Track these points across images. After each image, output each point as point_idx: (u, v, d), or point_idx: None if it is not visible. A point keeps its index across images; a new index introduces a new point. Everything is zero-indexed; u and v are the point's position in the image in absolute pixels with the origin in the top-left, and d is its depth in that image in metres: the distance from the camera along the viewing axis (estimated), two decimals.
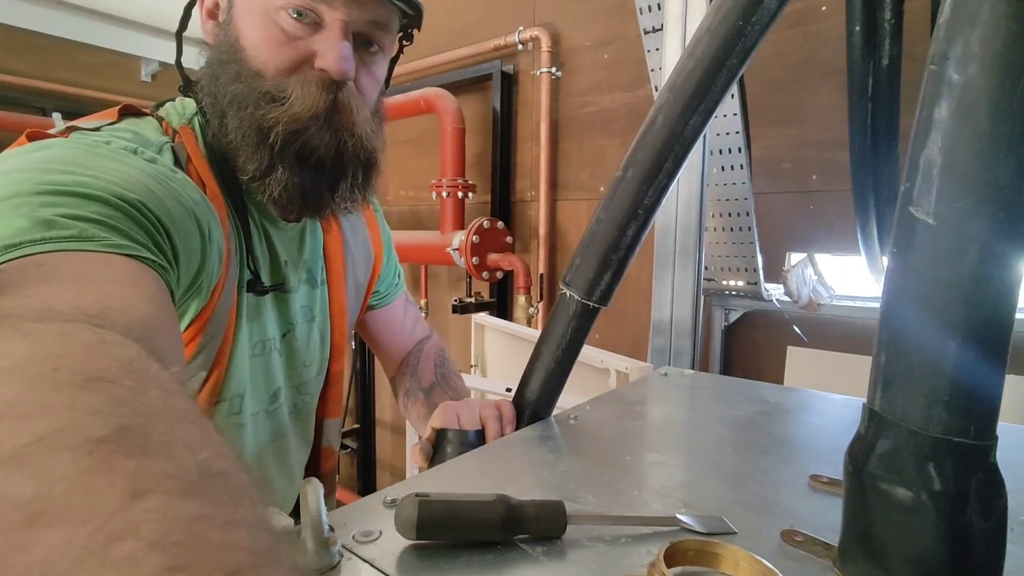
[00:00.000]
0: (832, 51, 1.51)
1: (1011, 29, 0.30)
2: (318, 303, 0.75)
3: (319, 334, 0.76)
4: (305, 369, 0.75)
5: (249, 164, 0.58)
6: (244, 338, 0.64)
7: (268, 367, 0.69)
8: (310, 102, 0.57)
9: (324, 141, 0.59)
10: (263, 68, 0.58)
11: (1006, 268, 0.32)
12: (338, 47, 0.57)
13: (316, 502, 0.37)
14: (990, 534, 0.34)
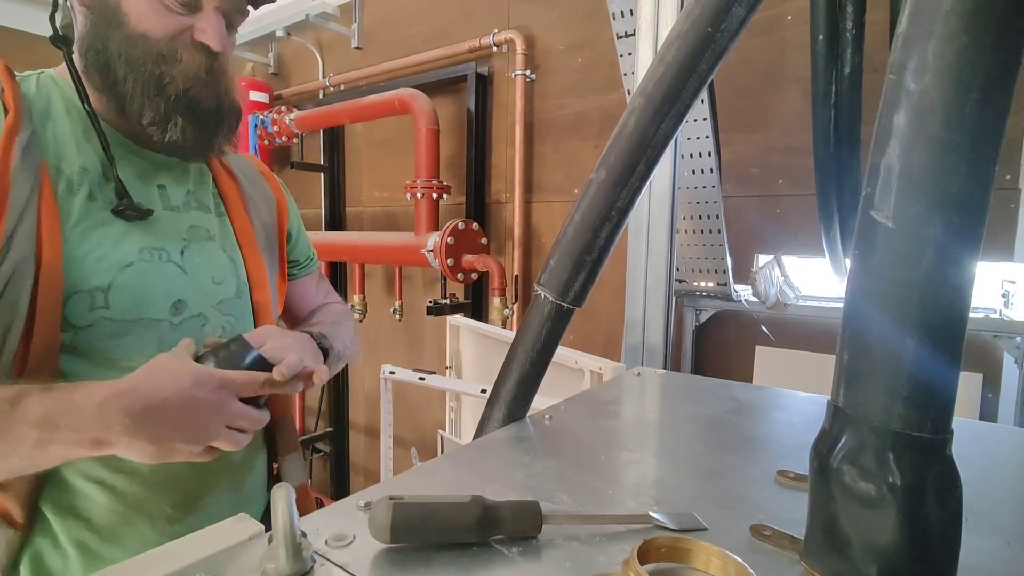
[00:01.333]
0: (798, 59, 1.55)
1: (963, 42, 0.32)
2: (217, 229, 0.80)
3: (227, 256, 0.79)
4: (218, 286, 0.77)
5: (147, 112, 0.69)
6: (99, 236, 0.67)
7: (160, 275, 0.71)
8: (196, 64, 0.70)
9: (207, 96, 0.71)
10: (149, 33, 0.67)
11: (960, 269, 0.34)
12: (217, 25, 0.69)
13: (287, 507, 0.36)
14: (947, 524, 0.36)
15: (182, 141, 0.71)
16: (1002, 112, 0.33)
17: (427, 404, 2.60)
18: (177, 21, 0.68)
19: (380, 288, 2.77)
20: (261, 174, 0.92)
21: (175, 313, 0.72)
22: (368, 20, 2.66)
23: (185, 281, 0.73)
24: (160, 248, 0.72)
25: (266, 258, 0.85)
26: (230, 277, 0.79)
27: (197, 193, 0.79)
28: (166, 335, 0.71)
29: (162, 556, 0.38)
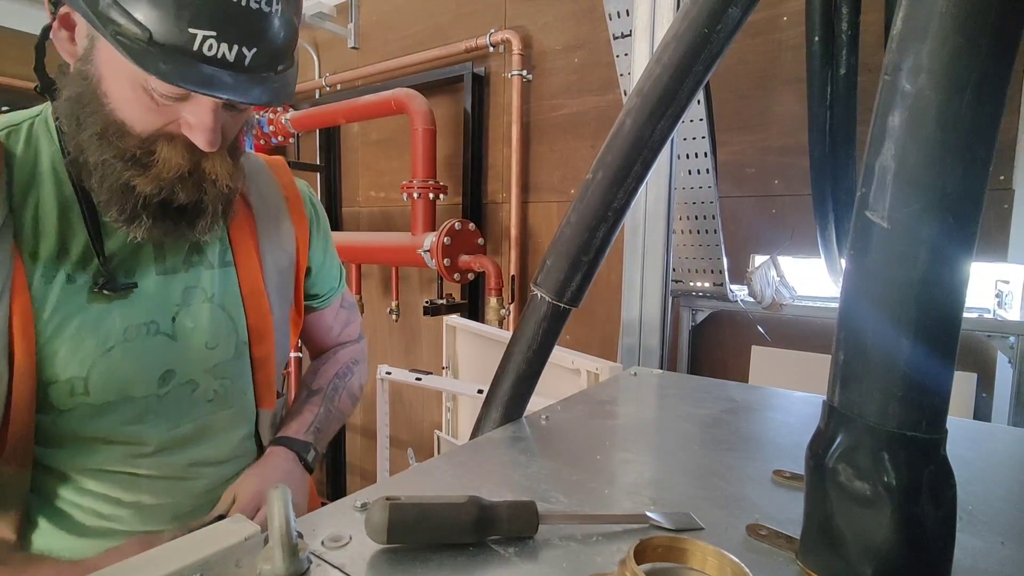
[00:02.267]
0: (793, 60, 1.56)
1: (957, 42, 0.32)
2: (218, 285, 0.75)
3: (225, 314, 0.75)
4: (212, 351, 0.73)
5: (112, 209, 0.62)
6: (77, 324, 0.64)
7: (145, 351, 0.68)
8: (176, 163, 0.61)
9: (187, 192, 0.63)
10: (129, 125, 0.60)
11: (954, 269, 0.34)
12: (207, 122, 0.59)
13: (283, 508, 0.36)
14: (941, 523, 0.36)
15: (150, 238, 0.64)
16: (996, 113, 0.33)
17: (424, 404, 2.60)
18: (162, 113, 0.59)
19: (377, 288, 2.77)
20: (286, 198, 0.84)
21: (162, 384, 0.70)
22: (364, 20, 2.66)
23: (175, 349, 0.70)
24: (148, 322, 0.68)
25: (276, 303, 0.80)
26: (226, 339, 0.75)
27: (200, 245, 0.73)
28: (151, 406, 0.69)
29: (159, 557, 0.38)
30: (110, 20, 0.53)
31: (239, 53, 0.56)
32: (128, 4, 0.53)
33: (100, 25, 0.54)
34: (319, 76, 2.84)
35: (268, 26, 0.58)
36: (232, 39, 0.55)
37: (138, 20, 0.53)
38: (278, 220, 0.82)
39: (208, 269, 0.74)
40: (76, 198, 0.64)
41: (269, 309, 0.79)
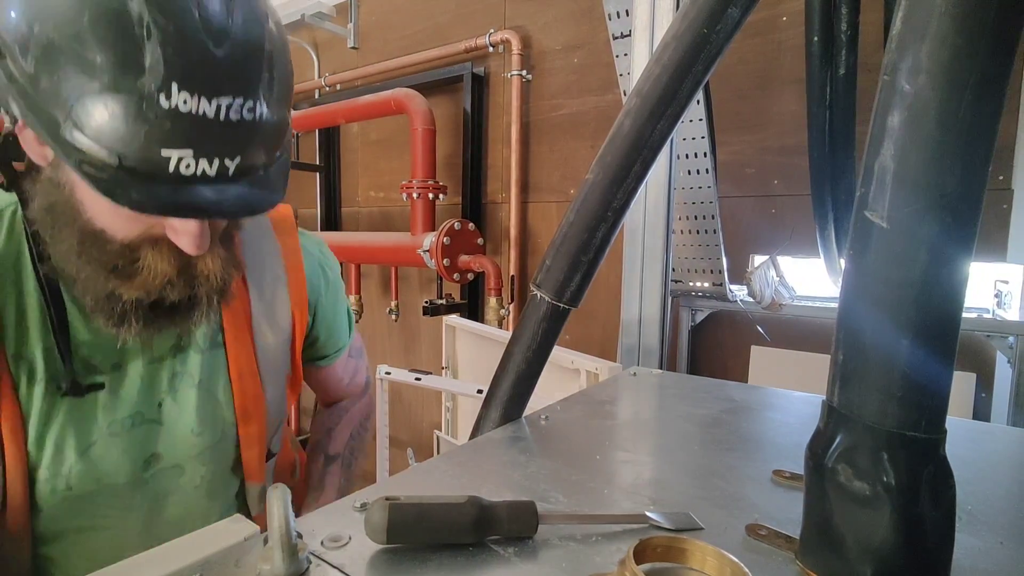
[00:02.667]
0: (793, 60, 1.56)
1: (957, 42, 0.32)
2: (207, 368, 0.71)
3: (212, 398, 0.72)
4: (198, 437, 0.70)
5: (98, 316, 0.58)
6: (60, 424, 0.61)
7: (130, 442, 0.66)
8: (163, 270, 0.56)
9: (178, 292, 0.58)
10: (108, 234, 0.54)
11: (954, 270, 0.34)
12: (192, 229, 0.53)
13: (283, 508, 0.36)
14: (940, 523, 0.36)
15: (141, 339, 0.61)
16: (995, 113, 0.33)
17: (423, 404, 2.60)
18: (143, 219, 0.53)
19: (376, 288, 2.77)
20: (286, 267, 0.78)
21: (147, 467, 0.68)
22: (364, 20, 2.66)
23: (161, 433, 0.68)
24: (133, 414, 0.66)
25: (269, 380, 0.76)
26: (212, 424, 0.72)
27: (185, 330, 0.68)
28: (136, 489, 0.67)
29: (158, 557, 0.38)
30: (74, 148, 0.46)
31: (221, 166, 0.49)
32: (92, 128, 0.46)
33: (63, 154, 0.47)
34: (318, 76, 2.84)
35: (253, 133, 0.51)
36: (212, 154, 0.49)
37: (104, 144, 0.46)
38: (275, 293, 0.76)
39: (197, 353, 0.70)
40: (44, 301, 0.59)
41: (261, 389, 0.75)
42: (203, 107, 0.47)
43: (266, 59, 0.52)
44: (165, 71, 0.45)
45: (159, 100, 0.46)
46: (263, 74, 0.51)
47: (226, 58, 0.48)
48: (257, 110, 0.51)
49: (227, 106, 0.48)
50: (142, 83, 0.45)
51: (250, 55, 0.50)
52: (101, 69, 0.45)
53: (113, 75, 0.45)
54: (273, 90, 0.53)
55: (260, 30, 0.52)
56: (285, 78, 0.55)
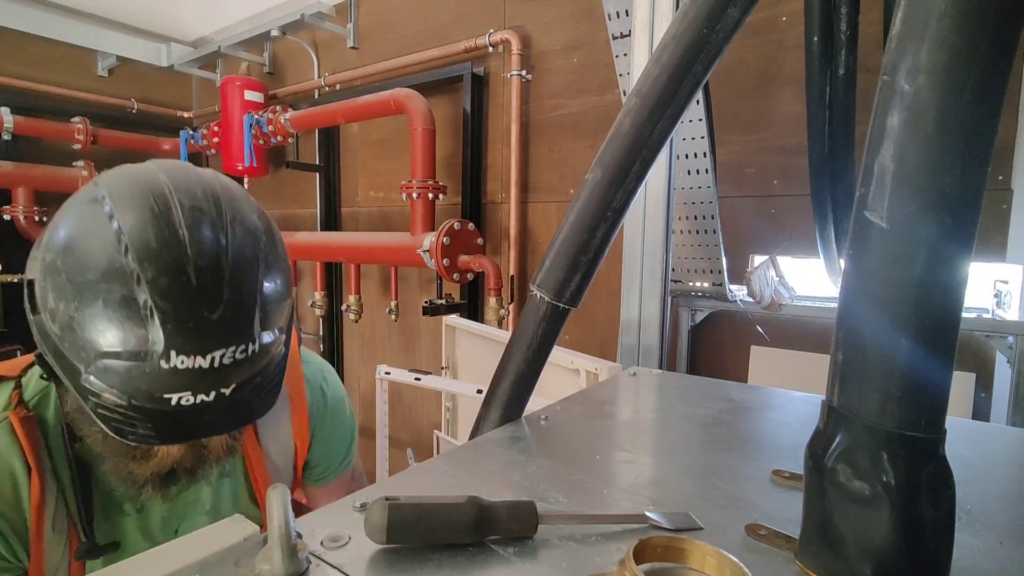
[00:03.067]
0: (792, 60, 1.56)
1: (956, 43, 0.32)
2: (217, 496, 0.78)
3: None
4: None
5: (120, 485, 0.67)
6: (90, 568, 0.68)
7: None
8: (174, 454, 0.63)
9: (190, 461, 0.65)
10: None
11: (953, 270, 0.34)
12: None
13: (283, 508, 0.36)
14: (940, 523, 0.36)
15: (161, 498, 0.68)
16: (994, 113, 0.33)
17: (423, 404, 2.60)
18: None
19: (376, 288, 2.77)
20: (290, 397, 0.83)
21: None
22: (364, 20, 2.66)
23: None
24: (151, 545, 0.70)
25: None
26: None
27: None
28: None
29: (158, 557, 0.38)
30: (90, 392, 0.54)
31: (218, 395, 0.56)
32: (105, 379, 0.53)
33: (81, 397, 0.55)
34: (318, 76, 2.84)
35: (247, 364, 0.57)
36: (209, 388, 0.55)
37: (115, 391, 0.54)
38: (278, 421, 0.82)
39: (208, 486, 0.77)
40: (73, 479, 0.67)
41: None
42: (198, 362, 0.54)
43: (259, 302, 0.58)
44: (165, 343, 0.53)
45: (160, 363, 0.53)
46: (255, 316, 0.57)
47: (220, 319, 0.55)
48: (250, 348, 0.57)
49: (220, 355, 0.55)
50: (145, 353, 0.53)
51: (242, 309, 0.57)
52: (111, 342, 0.53)
53: (122, 346, 0.53)
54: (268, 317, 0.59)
55: (253, 280, 0.58)
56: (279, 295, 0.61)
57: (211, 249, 0.55)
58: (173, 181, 0.57)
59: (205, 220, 0.56)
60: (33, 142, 2.95)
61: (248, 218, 0.60)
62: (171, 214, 0.55)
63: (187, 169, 0.61)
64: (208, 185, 0.59)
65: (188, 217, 0.55)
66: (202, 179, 0.60)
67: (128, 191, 0.56)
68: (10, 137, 2.81)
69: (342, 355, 2.99)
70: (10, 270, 2.91)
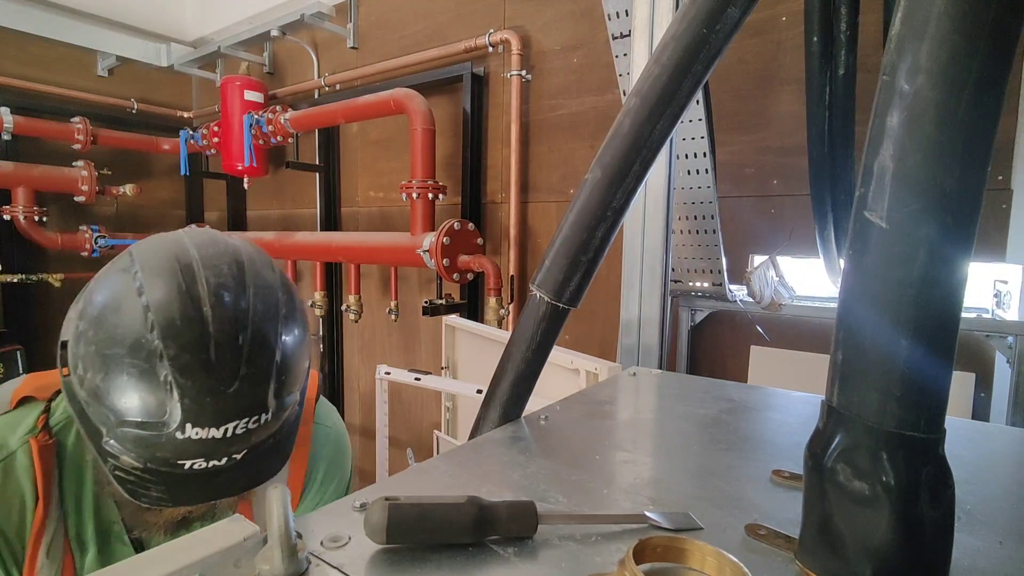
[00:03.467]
0: (792, 60, 1.56)
1: (956, 42, 0.32)
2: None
3: None
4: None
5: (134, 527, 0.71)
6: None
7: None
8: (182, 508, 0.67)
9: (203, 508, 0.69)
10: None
11: (952, 270, 0.34)
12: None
13: (283, 508, 0.36)
14: (940, 523, 0.36)
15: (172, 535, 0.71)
16: (994, 113, 0.33)
17: (423, 404, 2.60)
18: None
19: (376, 288, 2.77)
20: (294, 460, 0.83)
21: None
22: (363, 20, 2.66)
23: None
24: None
25: None
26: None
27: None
28: None
29: (158, 558, 0.38)
30: (109, 454, 0.58)
31: (230, 460, 0.59)
32: (124, 444, 0.57)
33: (101, 458, 0.59)
34: (318, 76, 2.84)
35: (260, 432, 0.60)
36: (221, 455, 0.58)
37: (133, 455, 0.57)
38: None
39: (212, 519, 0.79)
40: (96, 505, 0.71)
41: None
42: (212, 433, 0.57)
43: (275, 373, 0.60)
44: (182, 417, 0.55)
45: (176, 434, 0.56)
46: (271, 387, 0.60)
47: (235, 393, 0.57)
48: (263, 417, 0.60)
49: (234, 426, 0.58)
50: (163, 424, 0.56)
51: (258, 382, 0.59)
52: (132, 412, 0.56)
53: (141, 417, 0.56)
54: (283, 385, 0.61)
55: (270, 353, 0.60)
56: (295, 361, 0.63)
57: (232, 326, 0.58)
58: (202, 255, 0.60)
59: (229, 296, 0.59)
60: (33, 142, 2.96)
61: (270, 289, 0.63)
62: (197, 290, 0.58)
63: (216, 242, 0.64)
64: (235, 258, 0.62)
65: (212, 294, 0.58)
66: (229, 251, 0.63)
67: (158, 265, 0.59)
68: (10, 137, 2.81)
69: (342, 355, 2.99)
70: (10, 270, 2.91)
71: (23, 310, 2.98)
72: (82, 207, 3.12)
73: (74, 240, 3.02)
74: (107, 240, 3.08)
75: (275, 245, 2.70)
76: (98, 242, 3.04)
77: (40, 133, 2.91)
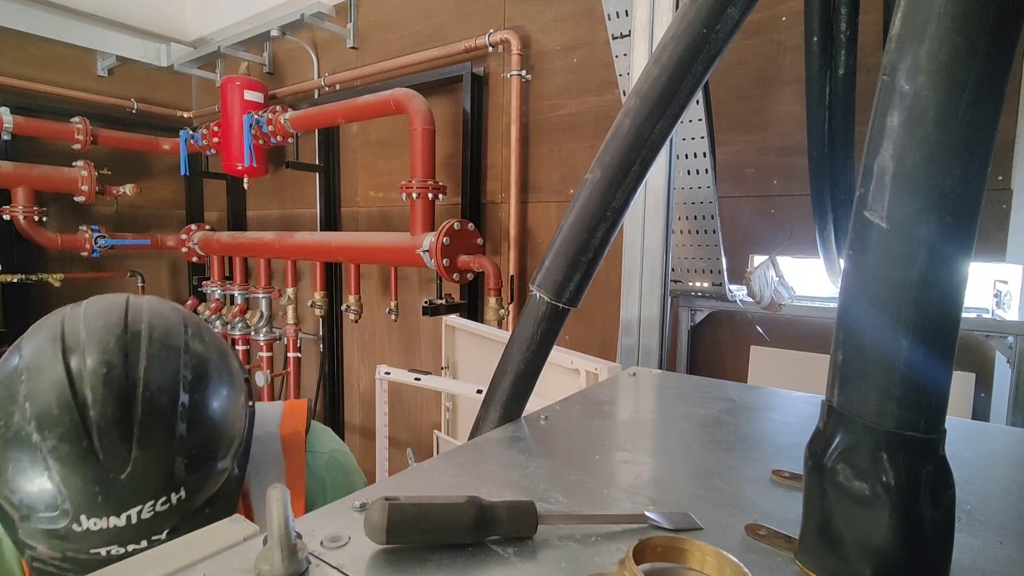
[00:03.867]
0: (792, 60, 1.56)
1: (956, 42, 0.32)
2: None
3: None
4: None
5: None
6: None
7: None
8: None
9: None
10: None
11: (953, 270, 0.34)
12: None
13: (282, 508, 0.36)
14: (940, 523, 0.36)
15: None
16: (994, 113, 0.33)
17: (423, 404, 2.60)
18: None
19: (376, 288, 2.77)
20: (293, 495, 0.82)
21: None
22: (363, 20, 2.66)
23: None
24: None
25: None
26: None
27: None
28: None
29: (158, 557, 0.38)
30: (26, 545, 0.55)
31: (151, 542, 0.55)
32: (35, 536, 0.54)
33: (19, 549, 0.56)
34: (318, 76, 2.84)
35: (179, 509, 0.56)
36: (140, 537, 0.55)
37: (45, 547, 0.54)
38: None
39: None
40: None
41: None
42: (113, 522, 0.53)
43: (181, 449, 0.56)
44: (73, 510, 0.53)
45: (73, 527, 0.53)
46: (176, 465, 0.56)
47: (129, 478, 0.54)
48: (173, 497, 0.56)
49: (137, 512, 0.54)
50: (59, 516, 0.53)
51: (156, 463, 0.55)
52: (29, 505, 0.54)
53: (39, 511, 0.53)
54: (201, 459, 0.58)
55: (170, 430, 0.56)
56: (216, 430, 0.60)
57: (117, 407, 0.54)
58: (88, 330, 0.57)
59: (115, 373, 0.55)
60: (33, 142, 2.96)
61: (171, 357, 0.58)
62: (79, 373, 0.54)
63: (109, 311, 0.59)
64: (130, 329, 0.58)
65: (93, 376, 0.54)
66: (122, 322, 0.58)
67: (39, 348, 0.56)
68: (10, 137, 2.81)
69: (342, 355, 2.99)
70: (10, 270, 2.91)
71: (23, 310, 2.98)
72: (82, 207, 3.12)
73: (74, 240, 3.02)
74: (107, 240, 3.08)
75: (275, 245, 2.71)
76: (98, 242, 3.05)
77: (40, 133, 2.91)
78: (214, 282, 3.16)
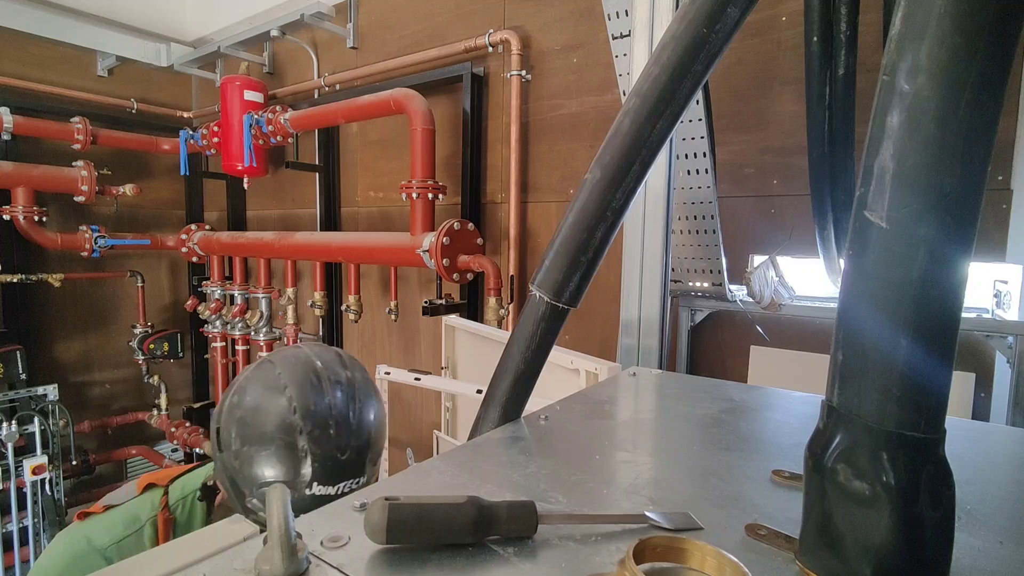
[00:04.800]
0: (792, 60, 1.56)
1: (956, 42, 0.32)
2: None
3: None
4: None
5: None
6: None
7: None
8: None
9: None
10: None
11: (953, 270, 0.34)
12: None
13: (282, 508, 0.36)
14: (940, 523, 0.36)
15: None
16: (994, 113, 0.33)
17: (423, 404, 2.60)
18: None
19: (376, 288, 2.77)
20: None
21: None
22: (363, 20, 2.66)
23: None
24: None
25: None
26: None
27: None
28: None
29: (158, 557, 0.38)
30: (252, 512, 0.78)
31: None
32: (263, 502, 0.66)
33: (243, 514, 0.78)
34: (318, 76, 2.84)
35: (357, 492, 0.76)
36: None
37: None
38: None
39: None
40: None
41: None
42: (328, 490, 0.77)
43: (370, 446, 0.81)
44: (312, 477, 0.76)
45: (304, 491, 0.75)
46: (368, 457, 0.81)
47: (346, 459, 0.78)
48: (361, 480, 0.80)
49: (343, 486, 0.78)
50: (298, 483, 0.76)
51: (360, 452, 0.80)
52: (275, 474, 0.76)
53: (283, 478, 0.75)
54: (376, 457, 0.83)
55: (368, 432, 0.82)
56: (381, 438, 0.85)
57: (345, 411, 0.80)
58: (324, 364, 0.83)
59: (344, 391, 0.81)
60: (33, 142, 2.96)
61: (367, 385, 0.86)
62: (323, 387, 0.80)
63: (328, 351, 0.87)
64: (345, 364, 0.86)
65: (332, 389, 0.81)
66: (340, 359, 0.86)
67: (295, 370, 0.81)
68: (10, 137, 2.81)
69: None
70: (10, 270, 2.91)
71: (23, 310, 2.98)
72: (82, 207, 3.12)
73: (74, 240, 3.01)
74: (107, 240, 3.08)
75: (275, 245, 2.70)
76: (98, 242, 3.04)
77: (40, 133, 2.91)
78: (214, 282, 3.16)
